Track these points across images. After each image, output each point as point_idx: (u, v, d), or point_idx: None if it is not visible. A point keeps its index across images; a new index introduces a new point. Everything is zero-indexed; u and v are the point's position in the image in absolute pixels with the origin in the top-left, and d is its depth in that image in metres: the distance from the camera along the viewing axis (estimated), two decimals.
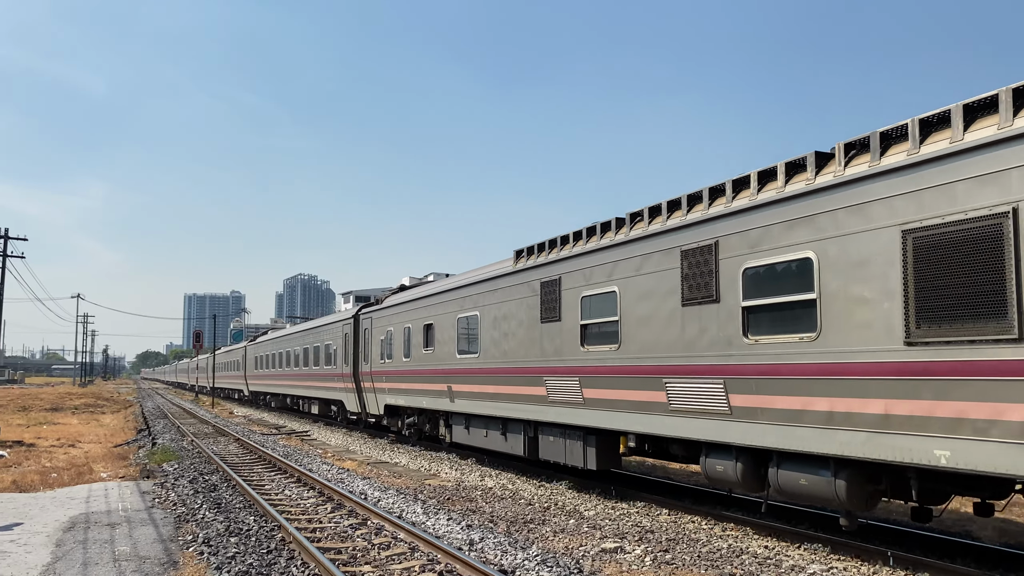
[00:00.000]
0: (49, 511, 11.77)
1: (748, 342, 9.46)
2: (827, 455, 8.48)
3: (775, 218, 9.14)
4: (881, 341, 7.82)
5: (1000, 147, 6.86)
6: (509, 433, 15.59)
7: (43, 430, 28.30)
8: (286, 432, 27.63)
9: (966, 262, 7.03)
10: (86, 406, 47.05)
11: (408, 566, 8.47)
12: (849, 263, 8.19)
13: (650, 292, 11.22)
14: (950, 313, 7.16)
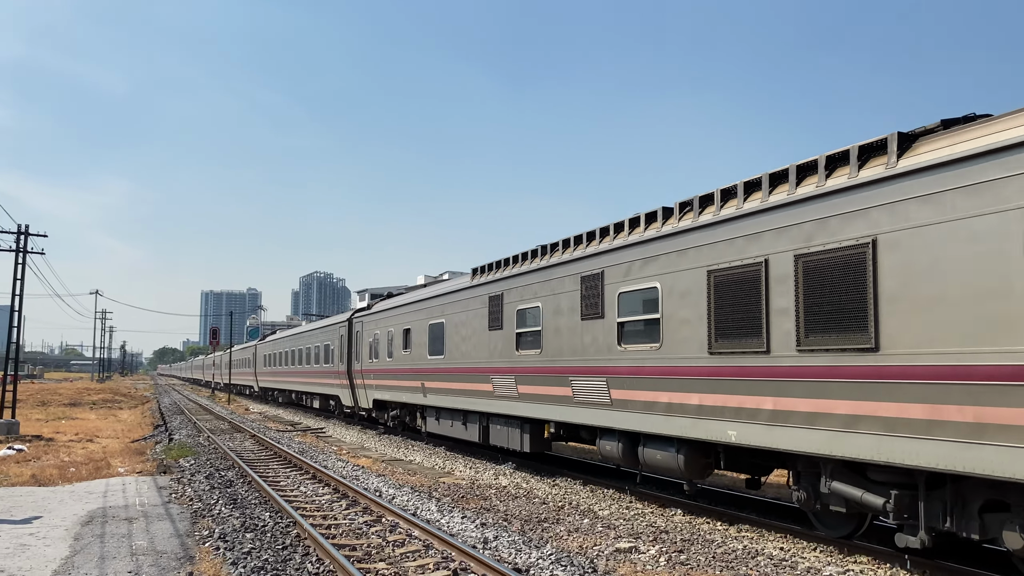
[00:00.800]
0: (67, 505, 11.88)
1: (621, 349, 12.18)
2: (670, 436, 11.14)
3: (637, 255, 11.89)
4: (695, 351, 10.56)
5: (760, 215, 9.63)
6: (468, 423, 18.12)
7: (62, 425, 28.58)
8: (301, 429, 27.76)
9: (739, 296, 9.84)
10: (104, 401, 47.48)
11: (422, 563, 8.48)
12: (679, 293, 10.92)
13: (561, 308, 13.91)
14: (731, 332, 9.95)
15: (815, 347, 8.78)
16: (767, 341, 9.41)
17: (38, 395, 51.36)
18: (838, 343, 8.51)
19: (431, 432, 20.95)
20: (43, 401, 45.22)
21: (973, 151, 7.30)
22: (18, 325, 26.65)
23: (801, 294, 8.97)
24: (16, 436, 22.72)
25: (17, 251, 26.96)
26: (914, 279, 7.72)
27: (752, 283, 9.64)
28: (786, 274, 9.17)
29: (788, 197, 9.22)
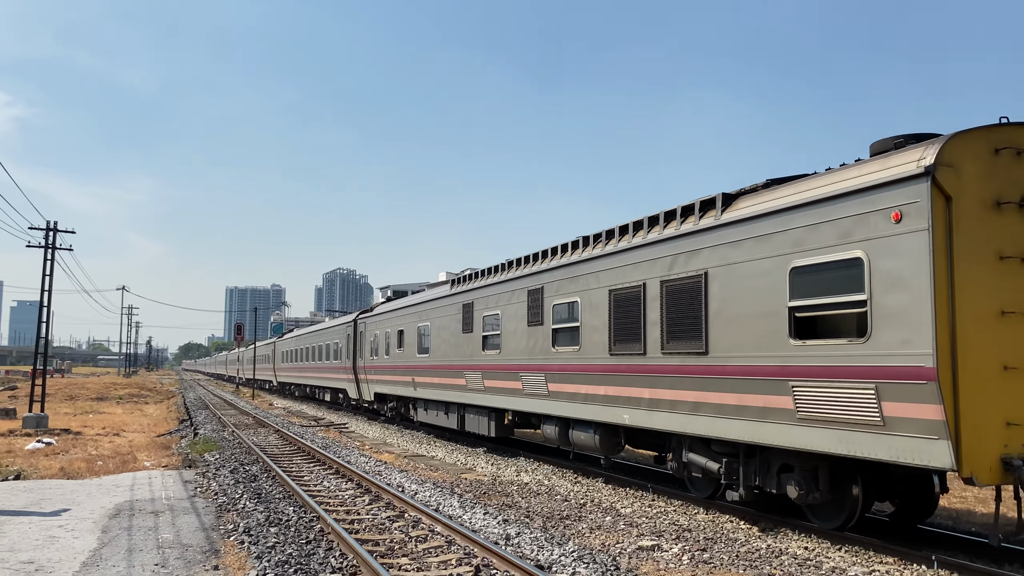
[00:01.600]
0: (95, 498, 12.04)
1: (554, 351, 14.82)
2: (589, 420, 13.79)
3: (565, 275, 14.60)
4: (601, 352, 13.16)
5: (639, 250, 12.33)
6: (449, 413, 20.79)
7: (89, 419, 28.96)
8: (324, 424, 27.94)
9: (627, 311, 12.44)
10: (130, 396, 48.06)
11: (445, 559, 8.51)
12: (592, 306, 13.57)
13: (515, 315, 16.55)
14: (622, 338, 12.55)
15: (673, 351, 11.38)
16: (644, 345, 12.02)
17: (66, 389, 52.10)
18: (686, 348, 11.11)
19: (421, 421, 23.53)
20: (71, 395, 45.85)
21: (760, 212, 9.91)
22: (47, 320, 27.02)
23: (664, 310, 11.60)
24: (45, 430, 23.06)
25: (46, 247, 27.34)
26: (727, 302, 10.35)
27: (635, 301, 12.28)
28: (656, 295, 11.79)
29: (656, 237, 11.90)
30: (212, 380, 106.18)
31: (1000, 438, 7.76)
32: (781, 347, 9.43)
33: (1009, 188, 8.08)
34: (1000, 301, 7.94)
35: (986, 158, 8.12)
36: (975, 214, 7.96)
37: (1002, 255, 7.98)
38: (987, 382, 7.81)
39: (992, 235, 8.00)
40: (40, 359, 27.72)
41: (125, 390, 55.06)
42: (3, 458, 16.45)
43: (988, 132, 8.22)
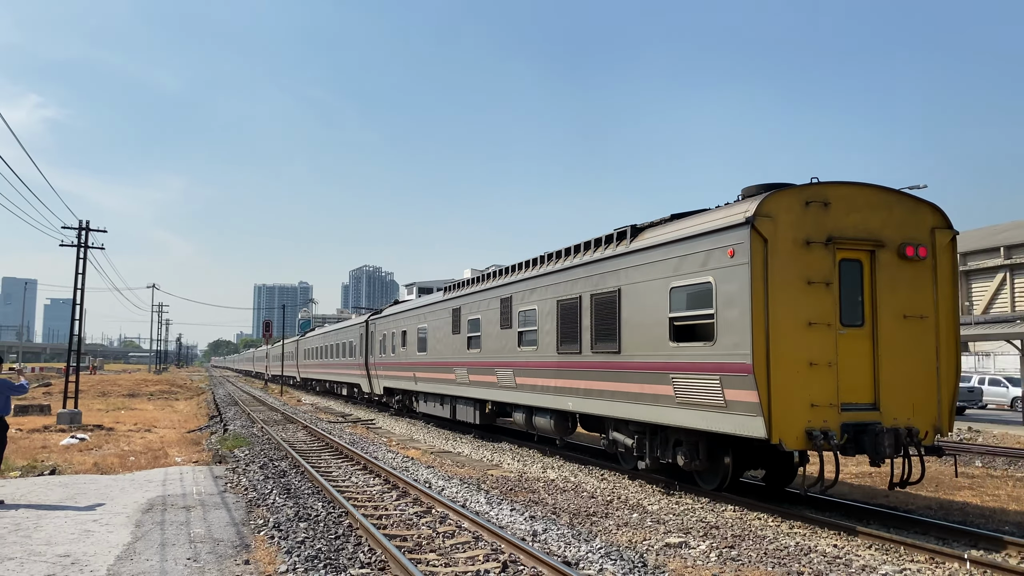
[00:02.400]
0: (128, 493, 12.22)
1: (520, 350, 17.42)
2: (545, 407, 16.48)
3: (527, 287, 17.27)
4: (552, 351, 15.81)
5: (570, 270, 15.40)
6: (443, 404, 23.36)
7: (121, 415, 29.38)
8: (352, 420, 28.13)
9: (569, 318, 15.15)
10: (161, 393, 48.68)
11: (472, 555, 8.55)
12: (546, 313, 16.17)
13: (492, 319, 19.12)
14: (567, 339, 15.26)
15: (599, 350, 14.08)
16: (580, 345, 14.77)
17: (98, 386, 52.89)
18: (606, 348, 13.84)
19: (421, 412, 26.22)
20: (103, 392, 46.54)
21: (652, 243, 12.61)
22: (80, 318, 27.43)
23: (593, 318, 14.31)
24: (79, 425, 23.43)
25: (79, 246, 27.75)
26: (632, 313, 13.07)
27: (574, 309, 15.01)
28: (588, 305, 14.49)
29: (588, 259, 14.62)
30: (241, 377, 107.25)
31: (805, 416, 10.23)
32: (664, 348, 12.15)
33: (816, 231, 10.65)
34: (807, 315, 10.46)
35: (798, 209, 10.61)
36: (787, 251, 10.48)
37: (809, 280, 10.53)
38: (795, 375, 10.27)
39: (802, 266, 10.51)
40: (73, 356, 28.16)
41: (156, 387, 55.78)
42: (39, 453, 16.74)
43: (800, 190, 10.74)
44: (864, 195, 11.10)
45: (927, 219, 11.40)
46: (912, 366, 10.96)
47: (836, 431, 10.27)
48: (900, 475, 10.88)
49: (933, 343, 11.14)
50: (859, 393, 10.67)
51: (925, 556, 8.79)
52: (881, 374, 10.76)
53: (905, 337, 10.99)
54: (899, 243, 11.02)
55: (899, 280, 11.06)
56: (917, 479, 10.84)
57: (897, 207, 11.27)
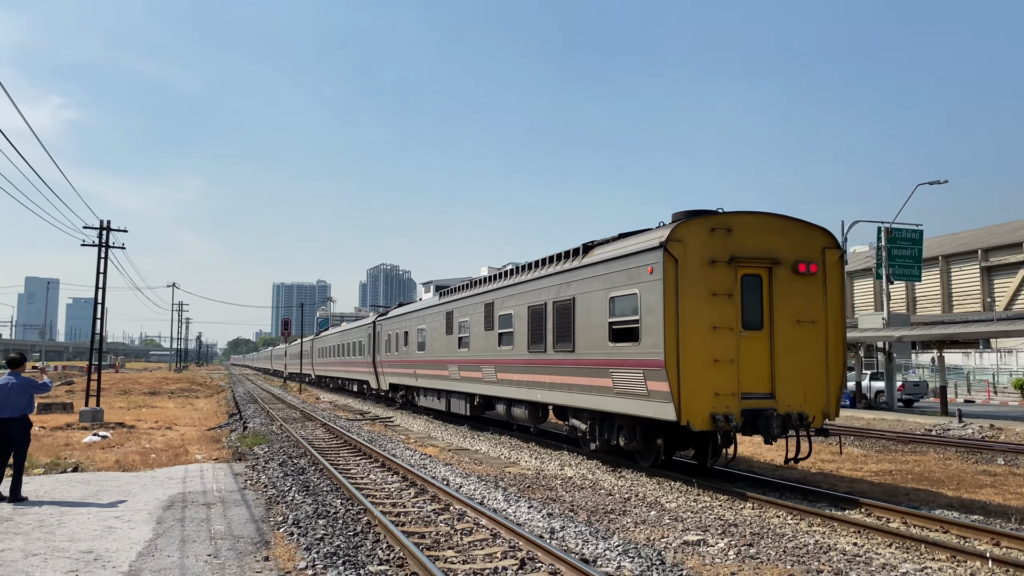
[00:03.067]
0: (149, 490, 12.34)
1: (500, 348, 19.60)
2: (521, 399, 18.73)
3: (506, 294, 19.43)
4: (524, 350, 17.97)
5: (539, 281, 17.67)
6: (439, 398, 25.66)
7: (142, 413, 29.65)
8: (370, 418, 28.25)
9: (537, 321, 17.29)
10: (181, 391, 49.08)
11: (490, 552, 8.57)
12: (520, 317, 18.34)
13: (478, 322, 21.36)
14: (535, 340, 17.37)
15: (559, 349, 16.25)
16: (545, 345, 16.93)
17: (120, 384, 53.40)
18: (565, 347, 15.99)
19: (421, 405, 28.65)
20: (124, 390, 46.98)
21: (597, 260, 14.86)
22: (101, 317, 27.70)
23: (554, 322, 16.53)
24: (101, 423, 23.66)
25: (100, 246, 28.01)
26: (583, 317, 15.25)
27: (541, 314, 17.26)
28: (551, 311, 16.73)
29: (551, 271, 16.91)
30: (260, 375, 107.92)
31: (710, 403, 12.35)
32: (605, 347, 14.41)
33: (720, 252, 12.76)
34: (712, 320, 12.56)
35: (704, 235, 12.72)
36: (695, 269, 12.58)
37: (714, 292, 12.64)
38: (701, 369, 12.39)
39: (708, 281, 12.62)
40: (95, 355, 28.44)
41: (176, 385, 56.25)
42: (62, 451, 16.93)
43: (707, 219, 12.94)
44: (762, 221, 13.30)
45: (819, 240, 13.53)
46: (804, 362, 13.06)
47: (736, 415, 12.36)
48: (814, 455, 14.87)
49: (823, 343, 13.21)
50: (757, 384, 12.79)
51: (947, 555, 8.72)
52: (777, 369, 12.87)
53: (798, 338, 13.09)
54: (793, 261, 13.16)
55: (793, 291, 13.15)
56: (805, 455, 13.34)
57: (791, 231, 13.45)
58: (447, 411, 24.92)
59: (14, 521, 9.89)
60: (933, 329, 37.12)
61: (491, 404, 21.62)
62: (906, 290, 78.43)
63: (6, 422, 11.22)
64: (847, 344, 13.30)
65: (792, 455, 13.31)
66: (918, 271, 41.33)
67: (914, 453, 19.53)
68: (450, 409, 24.51)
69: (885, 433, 23.75)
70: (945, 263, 76.89)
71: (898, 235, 40.26)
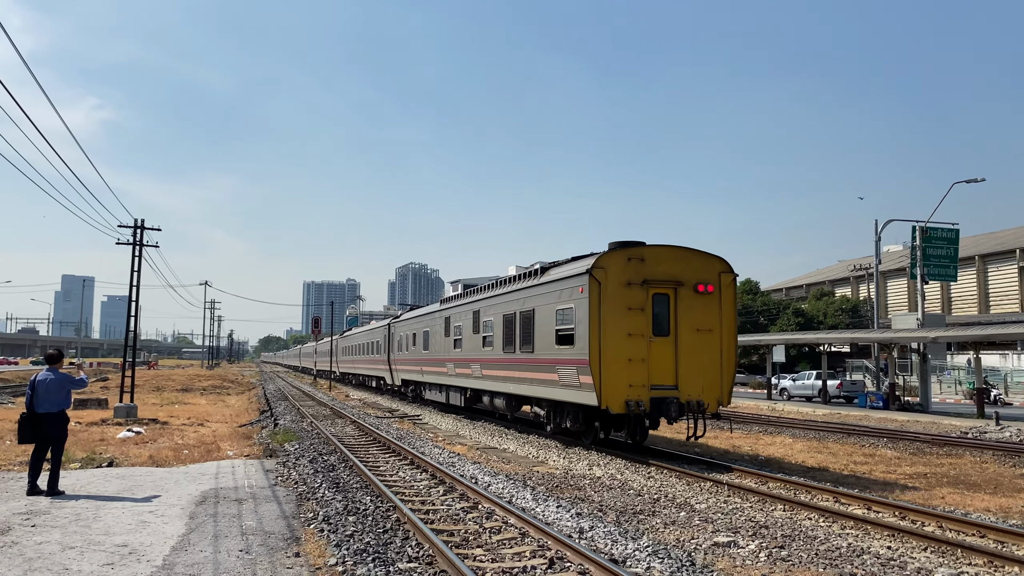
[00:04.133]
0: (182, 485, 12.50)
1: (483, 349, 23.07)
2: (500, 392, 21.89)
3: (488, 304, 22.92)
4: (501, 351, 21.34)
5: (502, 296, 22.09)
6: (440, 392, 29.20)
7: (175, 409, 30.05)
8: (399, 416, 28.39)
9: (509, 327, 20.91)
10: (213, 387, 49.67)
11: (519, 551, 8.56)
12: (497, 323, 21.71)
13: (468, 327, 24.88)
14: (508, 342, 20.90)
15: (523, 351, 19.76)
16: (515, 347, 20.36)
17: (153, 381, 54.19)
18: (527, 348, 19.48)
19: (426, 398, 32.13)
20: (158, 387, 47.67)
21: (548, 280, 18.33)
22: (135, 314, 28.12)
23: (520, 329, 20.04)
24: (135, 419, 24.02)
25: (134, 244, 28.43)
26: (539, 325, 18.66)
27: (512, 322, 20.69)
28: (518, 319, 20.22)
29: (518, 287, 20.59)
30: (290, 372, 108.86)
31: (625, 392, 15.88)
32: (553, 349, 17.96)
33: (635, 276, 16.31)
34: (627, 329, 16.09)
35: (622, 263, 16.27)
36: (614, 289, 16.13)
37: (630, 307, 16.15)
38: (619, 367, 15.92)
39: (624, 298, 16.14)
40: (130, 352, 28.87)
41: (208, 382, 56.94)
42: (97, 446, 17.21)
43: (624, 251, 16.47)
44: (669, 252, 16.81)
45: (715, 267, 17.01)
46: (702, 362, 16.45)
47: (646, 402, 15.84)
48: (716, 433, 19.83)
49: (718, 347, 16.66)
50: (664, 379, 16.24)
51: (984, 559, 8.56)
52: (680, 367, 16.32)
53: (698, 343, 16.51)
54: (694, 282, 16.64)
55: (694, 306, 16.59)
56: (701, 434, 16.70)
57: (693, 259, 16.91)
58: (447, 403, 28.43)
59: (51, 514, 10.07)
60: (969, 330, 36.47)
61: (479, 397, 24.69)
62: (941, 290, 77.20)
63: (44, 417, 11.43)
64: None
65: (693, 434, 16.60)
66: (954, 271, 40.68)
67: (949, 456, 19.21)
68: (449, 401, 28.02)
69: (920, 435, 23.39)
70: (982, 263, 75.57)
71: (933, 234, 39.66)
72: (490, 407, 23.92)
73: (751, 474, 14.31)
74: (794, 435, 23.94)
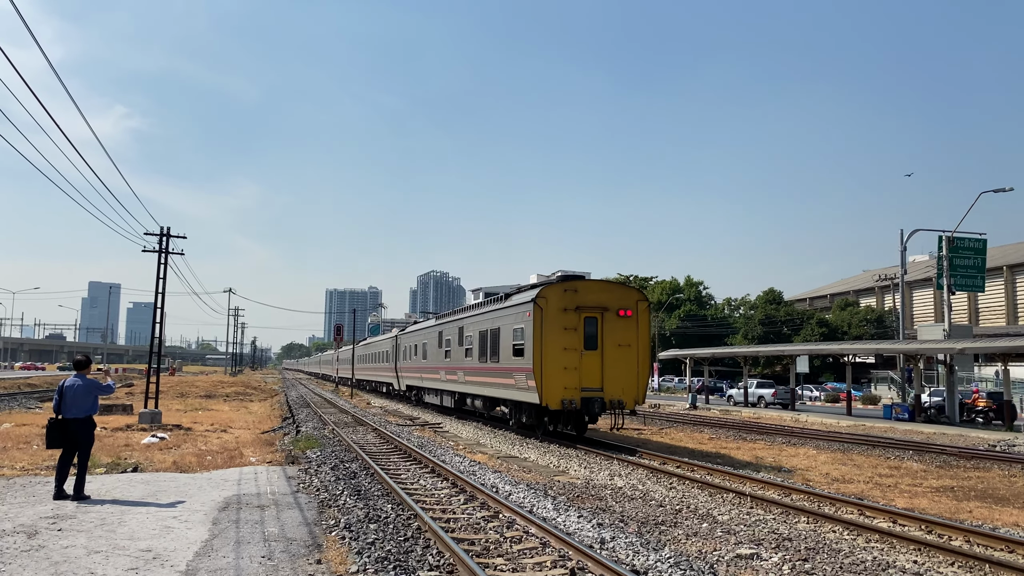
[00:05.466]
0: (206, 491, 12.59)
1: (466, 359, 27.74)
2: (477, 394, 27.19)
3: (470, 322, 27.58)
4: (479, 360, 26.04)
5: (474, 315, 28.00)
6: (435, 395, 34.14)
7: (198, 415, 30.29)
8: (420, 424, 28.43)
9: (484, 342, 25.57)
10: (236, 394, 50.02)
11: (539, 561, 8.53)
12: (476, 338, 26.42)
13: (455, 340, 29.32)
14: (485, 354, 25.33)
15: (491, 361, 24.18)
16: (487, 357, 24.63)
17: (177, 387, 54.66)
18: (495, 359, 23.93)
19: (424, 401, 37.35)
20: (182, 393, 48.07)
21: (509, 304, 23.38)
22: (161, 321, 28.40)
23: (491, 342, 24.30)
24: (159, 425, 24.24)
25: (160, 252, 28.73)
26: (503, 340, 23.29)
27: (486, 337, 24.92)
28: (489, 335, 24.50)
29: (489, 309, 25.38)
30: (312, 379, 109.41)
31: (561, 393, 20.35)
32: (511, 359, 22.40)
33: (570, 304, 20.79)
34: (563, 344, 20.56)
35: (560, 293, 20.83)
36: (554, 314, 20.64)
37: (565, 327, 20.62)
38: (556, 374, 20.39)
39: (561, 320, 20.64)
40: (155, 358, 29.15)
41: (231, 388, 57.35)
42: (122, 451, 17.39)
43: (562, 283, 21.22)
44: (598, 284, 22.14)
45: (634, 296, 21.93)
46: (622, 370, 21.05)
47: (577, 401, 20.48)
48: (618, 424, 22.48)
49: (635, 359, 21.32)
50: (592, 383, 20.85)
51: (1012, 574, 8.42)
52: (605, 374, 20.92)
53: (619, 355, 21.13)
54: (616, 308, 21.28)
55: (616, 327, 21.20)
56: (621, 426, 22.54)
57: (616, 290, 21.94)
58: (440, 405, 33.47)
59: (77, 519, 10.18)
60: (997, 341, 35.95)
61: (464, 400, 29.13)
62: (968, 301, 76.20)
63: (72, 423, 11.57)
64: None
65: (616, 426, 22.26)
66: (981, 281, 40.14)
67: (977, 469, 18.93)
68: (442, 403, 32.82)
69: (946, 448, 23.06)
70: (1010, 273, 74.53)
71: (960, 244, 39.18)
72: (472, 408, 28.51)
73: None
74: (818, 447, 23.70)
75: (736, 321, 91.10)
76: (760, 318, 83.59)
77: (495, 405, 26.51)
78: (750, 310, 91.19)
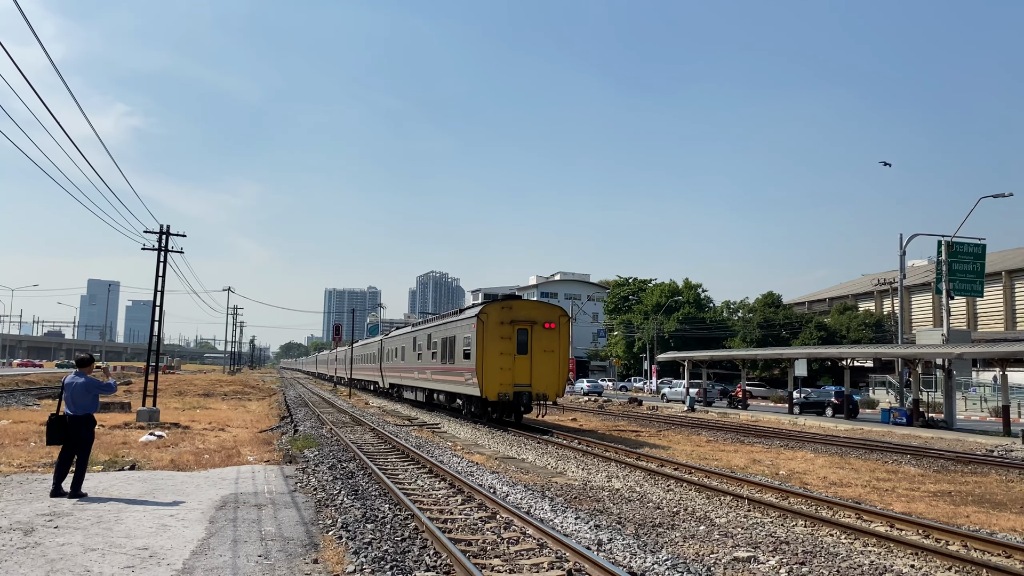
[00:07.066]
0: (203, 490, 12.58)
1: (432, 361, 34.18)
2: (440, 390, 33.32)
3: (435, 328, 34.50)
4: (439, 362, 32.91)
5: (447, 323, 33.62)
6: (412, 392, 39.58)
7: (196, 414, 30.27)
8: (418, 424, 28.43)
9: (444, 348, 32.15)
10: (234, 393, 50.01)
11: (536, 562, 8.53)
12: (439, 342, 33.14)
13: (425, 344, 35.71)
14: (445, 357, 31.79)
15: (447, 363, 31.12)
16: (445, 360, 31.44)
17: (175, 385, 54.65)
18: (451, 361, 30.45)
19: (405, 397, 42.05)
20: (180, 391, 48.07)
21: (462, 317, 30.04)
22: (159, 320, 28.38)
23: (449, 348, 30.93)
24: (157, 423, 24.23)
25: (159, 250, 28.73)
26: (457, 346, 29.67)
27: (446, 342, 31.41)
28: (448, 342, 31.13)
29: (448, 320, 32.40)
30: (310, 378, 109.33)
31: (498, 388, 26.63)
32: (463, 361, 28.38)
33: (506, 318, 27.12)
34: (500, 350, 26.80)
35: (499, 310, 27.21)
36: (493, 326, 26.93)
37: (502, 336, 26.89)
38: (494, 372, 26.67)
39: (499, 331, 26.92)
40: (153, 356, 29.15)
41: (229, 387, 57.34)
42: (119, 449, 17.37)
43: (499, 302, 27.66)
44: (529, 303, 28.30)
45: (557, 312, 27.96)
46: (547, 371, 26.89)
47: (510, 394, 26.29)
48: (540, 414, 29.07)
49: (557, 362, 27.17)
50: (523, 380, 26.58)
51: None
52: (533, 373, 26.74)
53: (544, 359, 26.96)
54: (543, 322, 27.14)
55: (543, 336, 27.08)
56: (544, 414, 29.66)
57: (544, 308, 28.13)
58: (415, 400, 38.94)
59: (74, 516, 10.17)
60: (996, 346, 35.97)
61: (432, 395, 34.68)
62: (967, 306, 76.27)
63: (72, 420, 11.56)
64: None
65: (540, 414, 29.17)
66: (980, 286, 40.17)
67: (974, 474, 18.93)
68: (416, 398, 38.41)
69: (944, 452, 23.07)
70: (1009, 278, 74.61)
71: (959, 249, 39.21)
72: (438, 401, 33.93)
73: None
74: (815, 450, 23.71)
75: (735, 324, 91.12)
76: (759, 321, 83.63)
77: (454, 399, 31.43)
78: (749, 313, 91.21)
